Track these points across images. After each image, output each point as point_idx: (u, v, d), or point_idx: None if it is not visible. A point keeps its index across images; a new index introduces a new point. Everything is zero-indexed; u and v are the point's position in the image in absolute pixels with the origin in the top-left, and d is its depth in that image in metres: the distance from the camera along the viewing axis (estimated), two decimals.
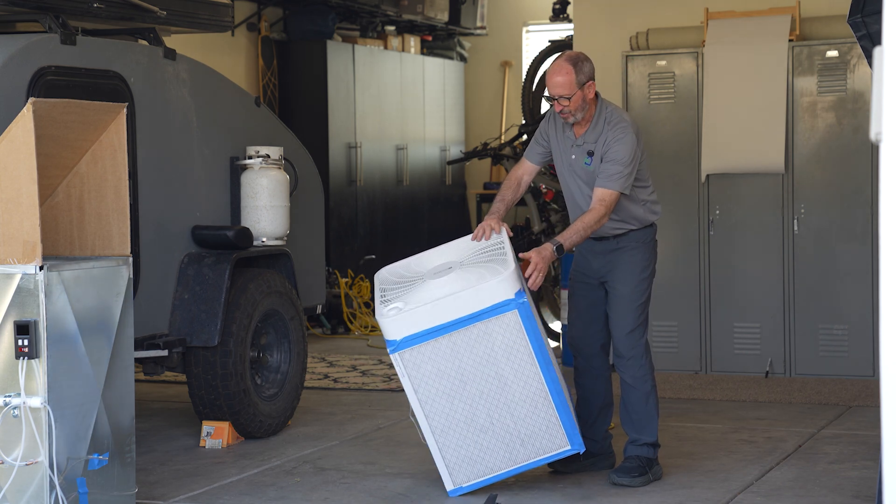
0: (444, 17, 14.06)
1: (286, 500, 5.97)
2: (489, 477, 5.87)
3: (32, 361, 4.96)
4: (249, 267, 7.35)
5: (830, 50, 8.82)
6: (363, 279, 12.01)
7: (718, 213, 9.06)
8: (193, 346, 6.96)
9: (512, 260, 5.79)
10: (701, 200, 9.09)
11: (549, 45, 12.73)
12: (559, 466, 6.28)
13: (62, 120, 5.17)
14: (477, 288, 5.69)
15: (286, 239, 7.47)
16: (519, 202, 7.60)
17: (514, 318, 5.69)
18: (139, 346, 6.46)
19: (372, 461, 6.67)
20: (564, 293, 9.35)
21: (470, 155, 12.89)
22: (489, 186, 14.38)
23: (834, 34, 8.86)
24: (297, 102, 12.33)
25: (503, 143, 12.93)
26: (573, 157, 6.19)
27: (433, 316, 5.72)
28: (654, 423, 6.24)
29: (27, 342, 4.93)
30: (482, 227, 6.09)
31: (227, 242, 7.12)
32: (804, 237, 8.90)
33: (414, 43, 14.06)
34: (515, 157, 12.09)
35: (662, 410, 6.92)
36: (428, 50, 14.48)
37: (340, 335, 11.56)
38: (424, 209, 13.91)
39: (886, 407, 2.69)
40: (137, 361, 6.48)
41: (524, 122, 12.81)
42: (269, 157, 7.34)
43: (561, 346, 9.69)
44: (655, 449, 6.24)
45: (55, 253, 5.41)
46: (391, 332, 5.78)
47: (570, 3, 12.80)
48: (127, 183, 5.44)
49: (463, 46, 15.03)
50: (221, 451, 6.98)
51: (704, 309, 9.10)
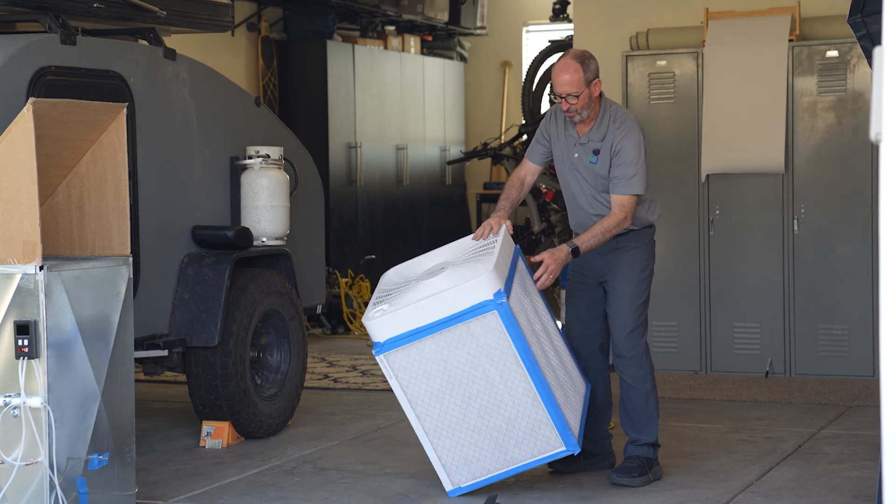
0: (444, 17, 14.05)
1: (286, 500, 5.96)
2: (488, 477, 5.84)
3: (32, 361, 4.96)
4: (249, 267, 7.35)
5: (830, 50, 8.82)
6: (363, 279, 12.00)
7: (718, 213, 9.06)
8: (193, 346, 6.96)
9: (494, 259, 5.69)
10: (701, 200, 9.09)
11: (549, 45, 12.74)
12: (559, 466, 6.28)
13: (62, 120, 5.16)
14: (458, 288, 5.61)
15: (286, 239, 7.46)
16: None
17: (494, 318, 5.59)
18: (139, 346, 6.46)
19: (372, 461, 6.67)
20: (564, 293, 9.34)
21: (470, 155, 12.89)
22: (489, 186, 14.38)
23: (834, 34, 8.85)
24: (297, 102, 12.33)
25: (503, 143, 12.94)
26: (576, 155, 6.18)
27: (416, 317, 5.65)
28: (654, 423, 6.24)
29: (27, 342, 4.93)
30: (483, 225, 6.10)
31: (227, 242, 7.12)
32: (804, 237, 8.90)
33: (414, 43, 14.05)
34: (515, 157, 12.09)
35: (662, 410, 6.92)
36: (428, 50, 14.47)
37: (340, 335, 11.56)
38: (424, 209, 13.90)
39: (886, 407, 2.69)
40: (137, 361, 6.49)
41: (524, 122, 12.82)
42: (269, 157, 7.33)
43: None
44: (655, 449, 6.24)
45: (55, 253, 5.41)
46: (376, 333, 5.73)
47: (570, 3, 12.80)
48: (127, 183, 5.44)
49: (463, 46, 15.02)
50: (221, 451, 6.98)
51: (704, 309, 9.10)
